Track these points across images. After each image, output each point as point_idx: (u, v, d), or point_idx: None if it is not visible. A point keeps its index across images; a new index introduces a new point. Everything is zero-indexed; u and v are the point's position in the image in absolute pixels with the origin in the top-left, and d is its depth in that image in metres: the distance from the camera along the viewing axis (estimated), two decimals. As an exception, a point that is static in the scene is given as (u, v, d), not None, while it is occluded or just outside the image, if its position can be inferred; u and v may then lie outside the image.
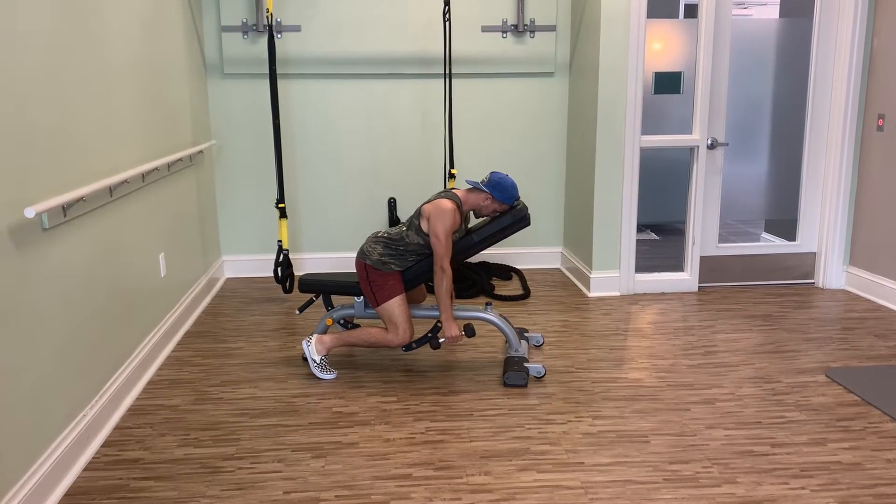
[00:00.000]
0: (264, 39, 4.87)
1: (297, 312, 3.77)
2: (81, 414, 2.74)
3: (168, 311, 3.87)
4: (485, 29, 5.01)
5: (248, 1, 4.80)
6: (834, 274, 4.83)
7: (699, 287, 4.88)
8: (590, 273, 4.76)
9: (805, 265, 4.94)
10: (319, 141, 5.11)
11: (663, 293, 4.79)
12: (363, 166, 5.18)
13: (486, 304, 3.58)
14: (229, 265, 5.23)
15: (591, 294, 4.75)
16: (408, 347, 3.48)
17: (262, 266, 5.23)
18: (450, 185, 4.87)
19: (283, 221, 4.52)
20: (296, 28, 4.88)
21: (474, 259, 5.32)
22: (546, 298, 4.70)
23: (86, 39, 2.91)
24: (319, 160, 5.14)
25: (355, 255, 4.61)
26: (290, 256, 5.22)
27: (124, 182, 3.20)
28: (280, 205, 4.51)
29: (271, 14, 4.32)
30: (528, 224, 3.45)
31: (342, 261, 5.28)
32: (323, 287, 3.59)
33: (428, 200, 3.36)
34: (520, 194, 5.30)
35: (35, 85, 2.47)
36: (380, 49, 4.97)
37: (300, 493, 2.50)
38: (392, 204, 5.21)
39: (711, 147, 4.66)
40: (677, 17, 7.02)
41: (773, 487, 2.52)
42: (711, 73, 4.57)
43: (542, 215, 5.38)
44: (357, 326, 3.71)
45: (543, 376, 3.45)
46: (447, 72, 4.72)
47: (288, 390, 3.33)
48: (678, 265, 4.95)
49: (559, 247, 5.47)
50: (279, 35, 4.89)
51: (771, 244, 5.00)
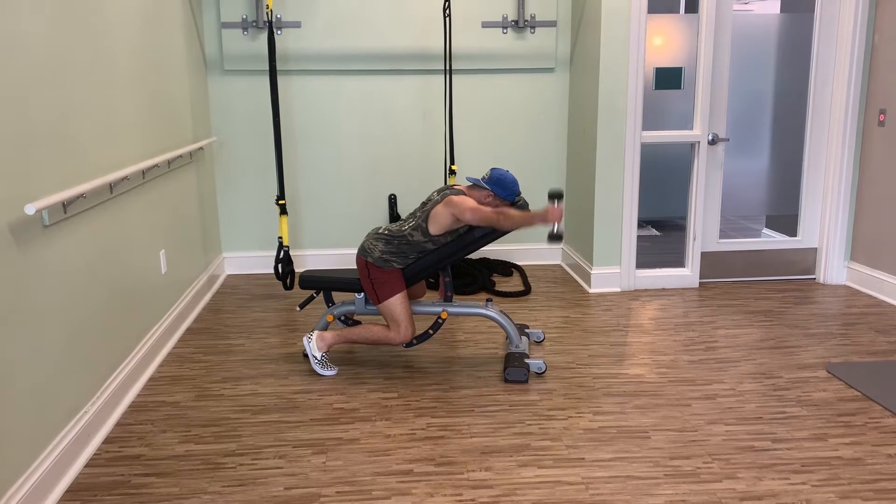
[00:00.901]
0: (264, 35, 4.86)
1: (298, 309, 3.78)
2: (83, 410, 2.75)
3: (169, 308, 3.87)
4: (485, 24, 5.01)
5: (248, -3, 4.80)
6: (835, 269, 4.82)
7: (700, 283, 4.88)
8: (590, 269, 4.76)
9: (806, 261, 4.94)
10: (320, 137, 5.10)
11: (664, 289, 4.78)
12: (363, 162, 5.17)
13: (487, 301, 3.58)
14: (230, 262, 5.23)
15: (592, 290, 4.74)
16: (409, 344, 3.48)
17: (263, 263, 5.23)
18: (450, 182, 4.87)
19: (284, 218, 4.52)
20: (296, 24, 4.87)
21: (475, 255, 5.32)
22: (547, 294, 4.70)
23: (86, 36, 2.90)
24: (320, 156, 5.13)
25: (356, 252, 4.61)
26: (291, 253, 5.21)
27: (125, 179, 3.20)
28: (280, 201, 4.50)
29: (271, 10, 4.31)
30: (529, 220, 3.44)
31: (343, 257, 5.28)
32: (323, 283, 3.59)
33: (432, 200, 3.34)
34: (520, 190, 5.31)
35: (35, 82, 2.47)
36: (380, 45, 4.96)
37: (301, 490, 2.50)
38: (392, 200, 5.20)
39: (712, 142, 4.66)
40: (678, 13, 7.01)
41: (774, 483, 2.52)
42: (712, 69, 4.56)
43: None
44: (358, 323, 3.72)
45: (544, 372, 3.45)
46: (447, 68, 4.72)
47: (289, 387, 3.34)
48: (679, 261, 4.94)
49: (560, 243, 5.46)
50: (279, 31, 4.88)
51: (772, 240, 5.00)
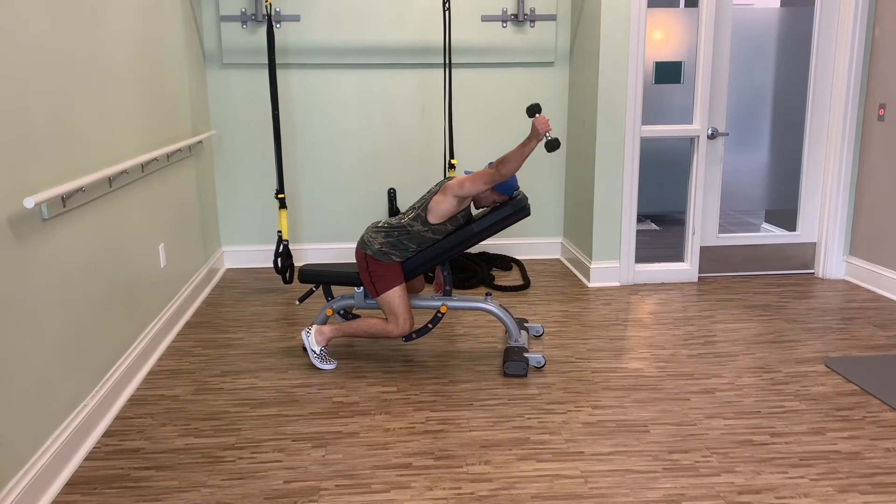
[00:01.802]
0: (263, 29, 4.85)
1: (297, 303, 3.77)
2: (82, 404, 2.75)
3: (168, 302, 3.88)
4: (485, 18, 4.99)
5: (247, -10, 4.79)
6: (834, 264, 4.82)
7: (699, 277, 4.88)
8: (590, 263, 4.76)
9: (805, 255, 4.94)
10: (319, 131, 5.10)
11: (663, 283, 4.79)
12: (363, 156, 5.17)
13: (486, 295, 3.59)
14: (229, 256, 5.23)
15: (591, 284, 4.75)
16: (408, 338, 3.48)
17: (262, 256, 5.23)
18: (449, 175, 4.87)
19: (283, 212, 4.52)
20: (295, 17, 4.86)
21: (474, 249, 5.32)
22: (546, 289, 4.70)
23: (85, 29, 2.89)
24: (319, 150, 5.13)
25: (355, 246, 4.60)
26: (290, 247, 5.21)
27: (124, 172, 3.19)
28: (280, 195, 4.50)
29: (270, 4, 4.30)
30: (528, 214, 3.44)
31: (342, 251, 5.28)
32: (323, 277, 3.59)
33: (430, 192, 3.34)
34: (519, 185, 5.30)
35: (34, 75, 2.46)
36: (379, 39, 4.95)
37: (300, 483, 2.51)
38: (392, 194, 5.20)
39: (712, 137, 4.65)
40: (678, 6, 6.99)
41: (772, 476, 2.52)
42: (712, 63, 4.55)
43: (542, 205, 5.38)
44: (357, 317, 3.72)
45: (543, 366, 3.45)
46: (447, 61, 4.71)
47: (288, 380, 3.34)
48: (678, 255, 4.94)
49: (559, 237, 5.47)
50: (278, 25, 4.87)
51: (771, 234, 5.00)
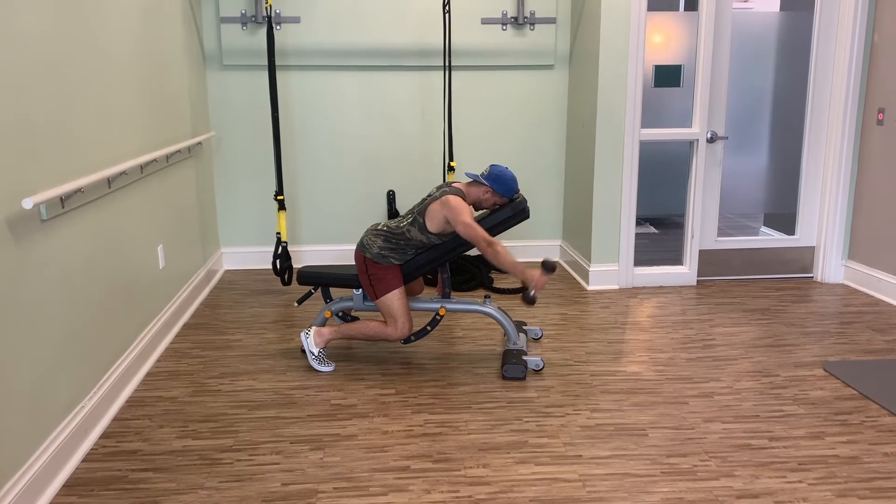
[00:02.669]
0: (263, 30, 4.85)
1: (296, 305, 3.77)
2: (80, 405, 2.74)
3: (167, 303, 3.87)
4: (485, 21, 5.00)
5: (247, -8, 4.79)
6: (833, 268, 4.83)
7: (698, 280, 4.88)
8: (588, 266, 4.76)
9: (804, 259, 4.94)
10: (318, 133, 5.10)
11: (662, 287, 4.79)
12: (362, 158, 5.17)
13: (485, 297, 3.58)
14: (228, 257, 5.22)
15: (590, 287, 4.75)
16: (406, 340, 3.48)
17: (261, 258, 5.23)
18: (449, 178, 4.87)
19: (282, 213, 4.51)
20: (295, 19, 4.86)
21: (473, 252, 5.31)
22: (545, 291, 4.70)
23: (84, 30, 2.89)
24: (318, 152, 5.13)
25: (354, 248, 4.59)
26: (289, 248, 5.21)
27: (123, 173, 3.19)
28: (279, 197, 4.50)
29: (270, 5, 4.30)
30: (528, 217, 3.44)
31: (341, 253, 5.28)
32: (322, 279, 3.58)
33: (430, 196, 3.34)
34: (519, 187, 5.30)
35: (33, 76, 2.46)
36: (379, 41, 4.95)
37: (298, 485, 2.50)
38: (391, 196, 5.20)
39: (711, 140, 4.66)
40: (678, 10, 7.00)
41: (771, 481, 2.52)
42: (712, 67, 4.56)
43: (542, 208, 5.38)
44: (356, 319, 3.72)
45: (542, 369, 3.45)
46: (447, 64, 4.71)
47: (286, 382, 3.34)
48: (677, 259, 4.95)
49: (558, 240, 5.47)
50: (278, 26, 4.87)
51: (770, 238, 5.00)
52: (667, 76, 4.78)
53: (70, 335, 2.69)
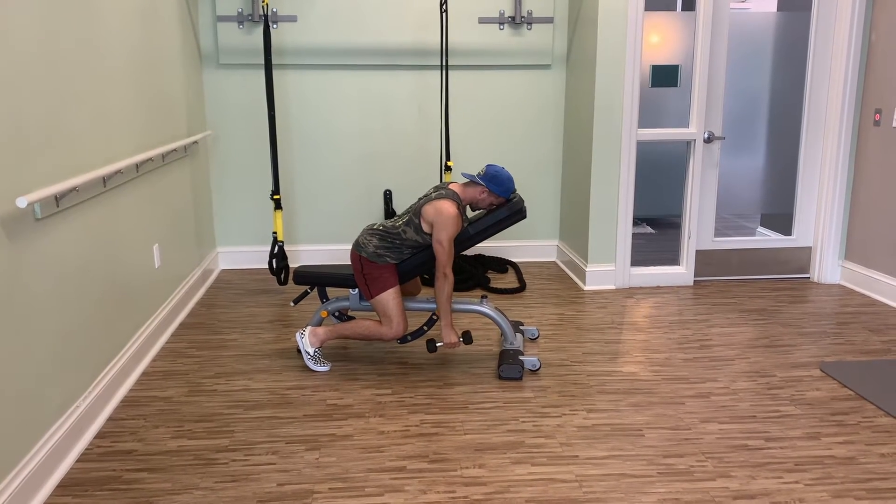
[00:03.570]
0: (260, 29, 4.84)
1: (292, 304, 3.76)
2: (75, 405, 2.73)
3: (162, 303, 3.86)
4: (482, 20, 4.99)
5: (244, -10, 4.78)
6: (829, 268, 4.83)
7: (695, 281, 4.88)
8: (585, 266, 4.75)
9: (800, 259, 4.94)
10: (315, 132, 5.09)
11: (659, 287, 4.79)
12: (359, 158, 5.16)
13: (482, 297, 3.58)
14: (224, 257, 5.21)
15: (587, 287, 4.74)
16: (402, 340, 3.47)
17: (257, 258, 5.22)
18: (446, 178, 4.86)
19: (279, 213, 4.50)
20: (292, 18, 4.85)
21: (470, 252, 5.31)
22: (542, 291, 4.69)
23: (80, 29, 2.88)
24: (315, 151, 5.12)
25: (350, 247, 4.59)
26: (286, 248, 5.20)
27: (118, 172, 3.18)
28: (275, 196, 4.49)
29: (267, 4, 4.29)
30: (525, 217, 3.44)
31: (337, 253, 5.27)
32: (318, 279, 3.57)
33: (426, 197, 3.34)
34: (516, 187, 5.30)
35: (28, 74, 2.45)
36: (376, 40, 4.94)
37: (294, 486, 2.50)
38: (388, 196, 5.19)
39: (708, 141, 4.66)
40: (675, 10, 7.00)
41: (767, 481, 2.52)
42: (709, 67, 4.55)
43: (539, 208, 5.38)
44: (352, 319, 3.71)
45: (538, 369, 3.45)
46: (444, 63, 4.70)
47: (282, 382, 3.33)
48: (674, 259, 4.95)
49: (555, 240, 5.46)
50: (275, 25, 4.86)
51: (767, 238, 5.00)
52: (664, 76, 4.78)
53: (65, 334, 2.68)
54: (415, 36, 4.96)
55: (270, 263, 4.56)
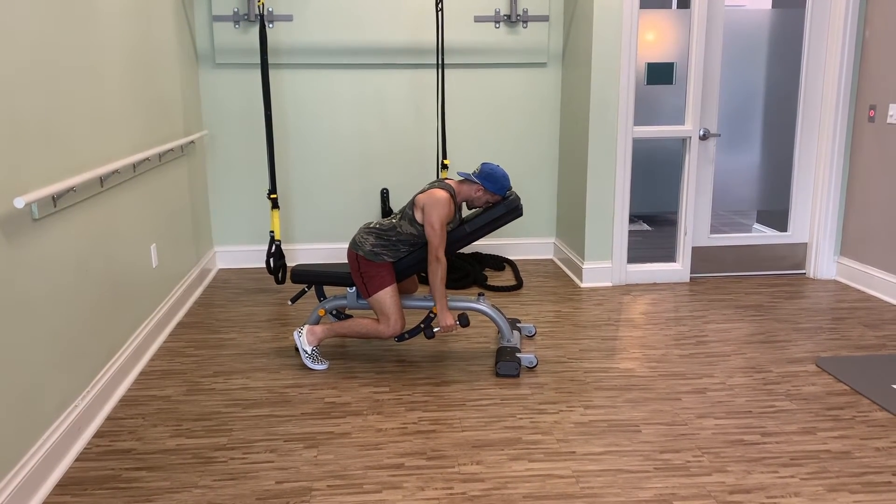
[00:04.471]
0: (256, 29, 4.84)
1: (290, 303, 3.76)
2: (73, 405, 2.74)
3: (160, 302, 3.86)
4: (478, 19, 5.00)
5: (240, -10, 4.78)
6: (825, 264, 4.85)
7: (691, 277, 4.89)
8: (582, 263, 4.77)
9: (796, 255, 4.96)
10: (312, 131, 5.09)
11: (655, 283, 4.80)
12: (356, 157, 5.17)
13: (479, 295, 3.59)
14: (221, 256, 5.22)
15: (584, 284, 4.76)
16: (400, 338, 3.48)
17: (255, 257, 5.22)
18: (442, 176, 4.87)
19: (276, 212, 4.51)
20: (287, 17, 4.85)
21: (467, 250, 5.32)
22: (538, 289, 4.71)
23: (76, 28, 2.88)
24: (312, 150, 5.12)
25: (347, 246, 4.59)
26: (283, 247, 5.21)
27: (115, 172, 3.18)
28: (272, 195, 4.49)
29: (263, 3, 4.29)
30: (521, 214, 3.45)
31: (334, 251, 5.27)
32: (315, 278, 3.58)
33: (422, 191, 3.35)
34: (512, 185, 5.31)
35: (24, 74, 2.45)
36: (372, 39, 4.95)
37: (292, 483, 2.51)
38: (385, 194, 5.20)
39: (703, 138, 4.67)
40: (670, 8, 7.00)
41: (763, 476, 2.53)
42: (704, 64, 4.57)
43: (535, 206, 5.39)
44: (349, 317, 3.72)
45: (535, 366, 3.46)
46: (440, 62, 4.71)
47: (280, 381, 3.33)
48: (670, 256, 4.96)
49: (552, 237, 5.48)
50: (271, 24, 4.86)
51: (762, 235, 5.02)
52: (659, 74, 4.78)
53: (63, 334, 2.68)
54: (411, 35, 4.96)
55: (268, 262, 4.56)
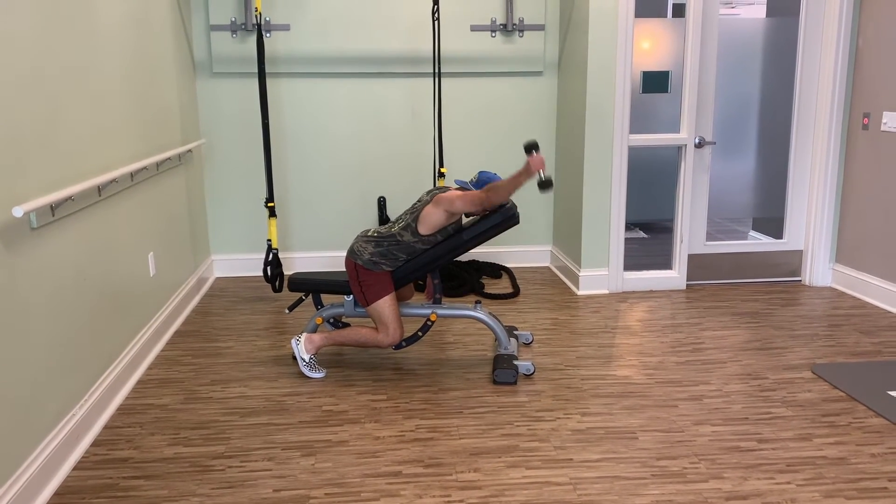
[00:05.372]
0: (253, 38, 4.87)
1: (287, 311, 3.77)
2: (70, 413, 2.74)
3: (157, 311, 3.87)
4: (474, 28, 5.03)
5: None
6: (820, 271, 4.87)
7: (687, 284, 4.91)
8: (579, 271, 4.78)
9: (792, 263, 4.98)
10: (309, 140, 5.11)
11: (652, 291, 4.81)
12: (353, 165, 5.18)
13: (476, 303, 3.60)
14: (219, 264, 5.22)
15: (580, 292, 4.77)
16: (398, 346, 3.48)
17: (252, 265, 5.23)
18: (439, 184, 4.89)
19: (273, 220, 4.52)
20: (285, 27, 4.87)
21: (464, 257, 5.33)
22: (535, 296, 4.71)
23: (74, 38, 2.90)
24: (309, 159, 5.13)
25: (345, 254, 4.60)
26: (280, 255, 5.22)
27: (113, 181, 3.19)
28: (269, 204, 4.50)
29: (260, 13, 4.31)
30: (517, 222, 3.46)
31: (332, 259, 5.28)
32: (312, 286, 3.59)
33: (421, 201, 3.36)
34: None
35: (23, 84, 2.46)
36: (369, 48, 4.97)
37: (290, 492, 2.51)
38: (382, 203, 5.21)
39: (699, 146, 4.69)
40: (665, 17, 7.05)
41: (760, 482, 2.54)
42: (699, 72, 4.59)
43: (532, 214, 5.40)
44: (347, 325, 3.72)
45: (533, 374, 3.47)
46: (436, 71, 4.73)
47: (278, 389, 3.34)
48: (666, 263, 4.98)
49: (548, 245, 5.49)
50: (268, 34, 4.88)
51: (758, 242, 5.04)
52: (655, 82, 4.82)
53: (60, 343, 2.69)
54: (407, 44, 4.99)
55: (265, 271, 4.57)
